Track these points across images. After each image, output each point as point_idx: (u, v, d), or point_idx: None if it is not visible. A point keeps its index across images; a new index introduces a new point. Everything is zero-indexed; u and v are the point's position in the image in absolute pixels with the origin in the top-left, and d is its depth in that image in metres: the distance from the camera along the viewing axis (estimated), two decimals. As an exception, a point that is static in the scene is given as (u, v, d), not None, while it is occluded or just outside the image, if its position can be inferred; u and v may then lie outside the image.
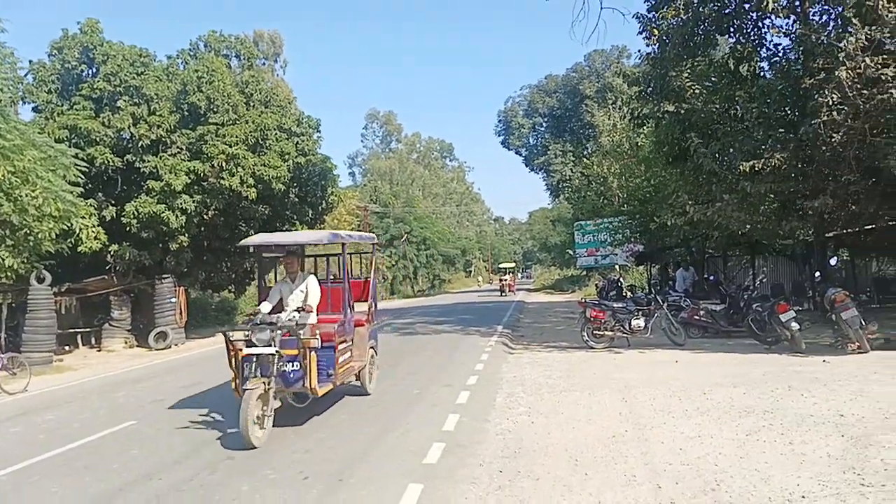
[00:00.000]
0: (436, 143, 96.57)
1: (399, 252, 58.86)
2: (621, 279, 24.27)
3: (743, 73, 13.75)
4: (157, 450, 7.01)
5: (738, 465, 5.44)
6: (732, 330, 13.76)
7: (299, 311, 7.85)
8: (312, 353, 7.21)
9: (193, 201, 19.84)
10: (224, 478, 5.85)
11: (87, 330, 20.42)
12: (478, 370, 11.42)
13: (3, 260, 14.17)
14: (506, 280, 48.44)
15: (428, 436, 6.94)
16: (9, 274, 14.91)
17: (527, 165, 73.50)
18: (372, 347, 10.05)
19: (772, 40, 13.94)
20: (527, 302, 36.23)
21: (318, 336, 7.38)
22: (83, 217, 16.27)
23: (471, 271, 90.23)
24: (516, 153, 74.36)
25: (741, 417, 6.99)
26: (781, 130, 12.55)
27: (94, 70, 21.21)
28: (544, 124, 70.54)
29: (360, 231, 52.33)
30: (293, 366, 7.36)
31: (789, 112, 12.92)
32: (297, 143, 23.25)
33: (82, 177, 16.51)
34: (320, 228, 36.61)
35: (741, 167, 11.87)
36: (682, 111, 13.32)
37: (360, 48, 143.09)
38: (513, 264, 65.47)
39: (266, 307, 7.86)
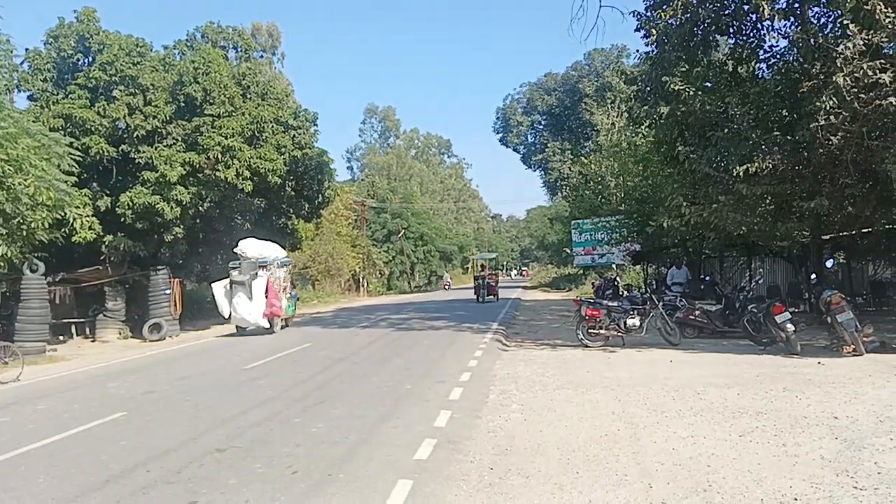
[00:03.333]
0: (434, 138, 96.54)
1: (396, 248, 58.80)
2: (618, 278, 24.24)
3: (742, 74, 13.70)
4: (146, 441, 6.95)
5: (730, 465, 5.40)
6: (728, 330, 13.74)
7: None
8: None
9: (189, 193, 19.78)
10: (212, 471, 5.80)
11: (82, 320, 20.36)
12: (471, 367, 11.38)
13: (-8, 249, 14.04)
14: (485, 277, 33.62)
15: (419, 432, 6.90)
16: (2, 263, 14.80)
17: (525, 163, 73.59)
18: None
19: (771, 42, 13.90)
20: (523, 300, 36.22)
21: None
22: (77, 207, 16.18)
23: (468, 268, 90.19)
24: (514, 150, 74.42)
25: (734, 418, 6.96)
26: (777, 133, 12.51)
27: (90, 59, 21.11)
28: (543, 122, 70.54)
29: (358, 227, 52.28)
30: None
31: (786, 114, 12.88)
32: (294, 136, 23.20)
33: (77, 166, 16.40)
34: (317, 222, 36.72)
35: (736, 170, 11.84)
36: (679, 113, 13.28)
37: (359, 42, 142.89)
38: (494, 255, 58.54)
39: None
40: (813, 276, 13.36)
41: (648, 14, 14.29)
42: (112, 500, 5.09)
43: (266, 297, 18.96)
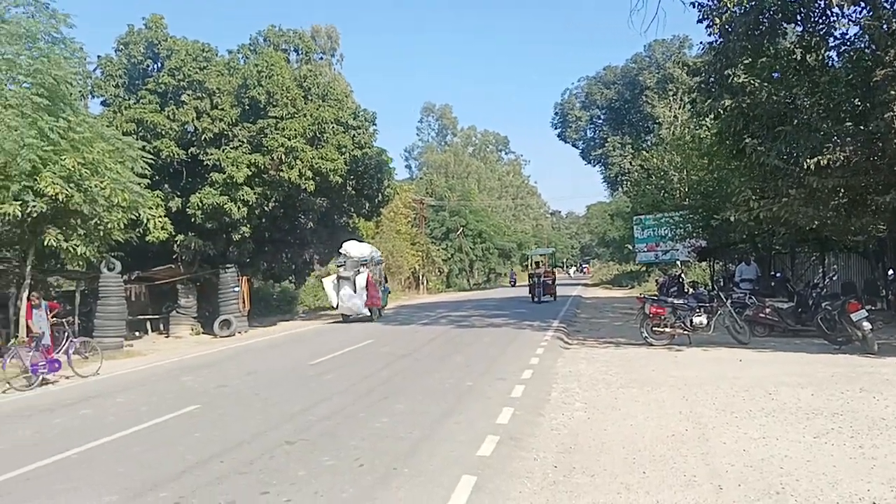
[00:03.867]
0: (491, 136, 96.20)
1: (454, 245, 58.95)
2: (683, 275, 23.68)
3: (811, 63, 13.13)
4: (220, 433, 7.23)
5: (804, 468, 5.23)
6: (800, 329, 13.25)
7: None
8: None
9: (254, 193, 20.38)
10: (283, 463, 5.99)
11: (156, 317, 21.28)
12: (532, 364, 11.35)
13: (76, 248, 14.82)
14: (540, 275, 31.31)
15: (482, 428, 6.94)
16: (81, 262, 15.61)
17: (584, 158, 72.37)
18: None
19: (840, 29, 13.27)
20: (584, 297, 35.79)
21: None
22: (150, 208, 16.87)
23: (527, 265, 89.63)
24: (573, 146, 73.25)
25: (808, 419, 6.72)
26: (850, 123, 11.94)
27: (159, 65, 21.98)
28: (602, 116, 69.26)
29: (417, 225, 52.65)
30: None
31: (859, 103, 12.28)
32: (354, 136, 23.56)
33: (149, 169, 17.13)
34: (377, 221, 37.21)
35: (806, 163, 11.37)
36: (744, 104, 12.84)
37: (416, 41, 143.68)
38: (550, 250, 50.45)
39: None
40: (890, 271, 12.72)
41: (711, 3, 13.85)
42: (189, 489, 5.32)
43: (367, 289, 22.46)
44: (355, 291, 22.40)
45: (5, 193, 13.21)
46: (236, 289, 20.77)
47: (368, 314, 22.83)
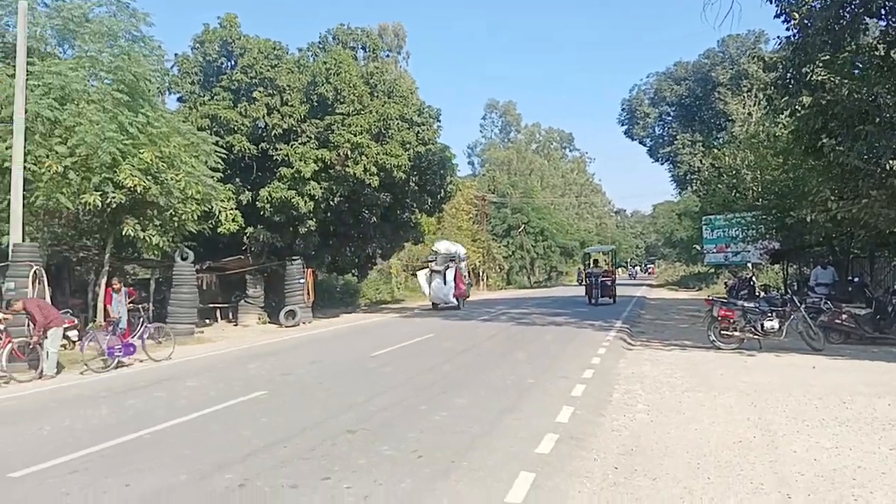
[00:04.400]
0: (556, 133, 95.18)
1: (516, 243, 58.63)
2: (754, 278, 22.83)
3: (895, 59, 12.41)
4: (284, 420, 7.43)
5: (879, 480, 4.98)
6: (878, 337, 12.61)
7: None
8: None
9: (321, 188, 20.81)
10: (344, 451, 6.11)
11: (225, 305, 22.06)
12: (594, 364, 11.19)
13: (152, 238, 15.51)
14: (598, 275, 28.72)
15: (541, 426, 6.89)
16: (156, 251, 16.31)
17: (651, 156, 70.64)
18: None
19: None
20: (648, 298, 35.03)
21: None
22: (222, 200, 17.47)
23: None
24: (640, 143, 71.62)
25: (885, 430, 6.39)
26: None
27: (233, 62, 22.69)
28: (671, 113, 67.41)
29: (478, 222, 52.61)
30: None
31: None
32: (418, 132, 23.71)
33: (222, 163, 17.73)
34: (439, 217, 37.40)
35: (889, 164, 10.76)
36: (823, 102, 12.25)
37: (480, 38, 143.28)
38: (611, 248, 45.70)
39: None
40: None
41: (790, -2, 13.29)
42: (254, 472, 5.49)
43: (455, 281, 26.46)
44: (445, 283, 26.33)
45: (87, 185, 13.91)
46: (302, 280, 21.28)
47: (456, 303, 26.68)
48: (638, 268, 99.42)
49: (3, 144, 13.51)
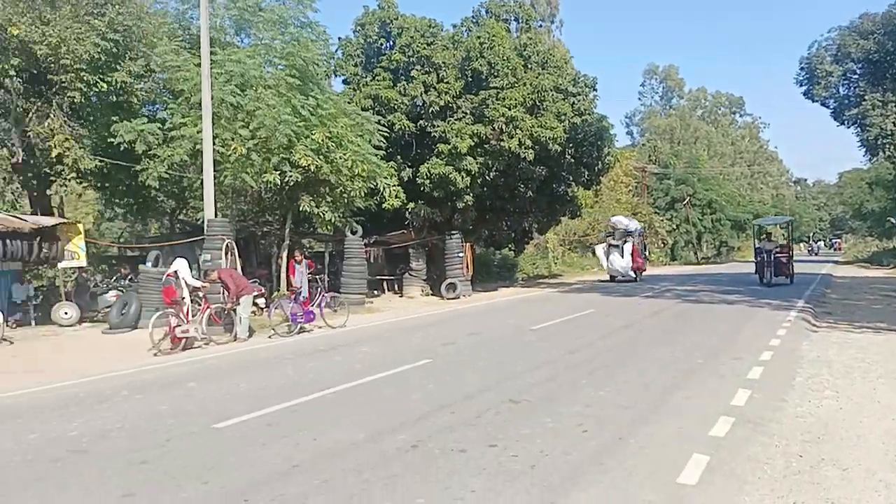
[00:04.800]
0: (724, 97, 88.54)
1: (680, 216, 55.66)
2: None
3: None
4: (448, 387, 7.70)
5: None
6: None
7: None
8: None
9: (477, 163, 21.05)
10: (507, 419, 6.21)
11: (391, 277, 23.25)
12: (773, 345, 10.39)
13: (324, 214, 16.61)
14: (771, 250, 24.52)
15: (714, 408, 6.54)
16: (329, 226, 17.46)
17: (836, 119, 63.44)
18: None
19: None
20: (835, 276, 31.84)
21: None
22: (386, 177, 18.28)
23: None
24: (822, 105, 64.46)
25: None
26: None
27: (391, 43, 23.48)
28: (858, 71, 59.75)
29: (638, 195, 50.65)
30: None
31: None
32: (573, 103, 23.19)
33: (384, 141, 18.53)
34: (597, 190, 36.48)
35: None
36: None
37: (637, 2, 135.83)
38: (787, 219, 38.04)
39: None
40: None
41: None
42: (424, 435, 5.75)
43: (632, 255, 27.75)
44: (622, 257, 27.66)
45: (267, 164, 15.17)
46: (460, 254, 21.82)
47: (633, 276, 27.96)
48: (821, 242, 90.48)
49: (194, 129, 15.06)
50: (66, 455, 5.37)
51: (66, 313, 14.55)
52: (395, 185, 19.27)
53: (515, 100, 21.20)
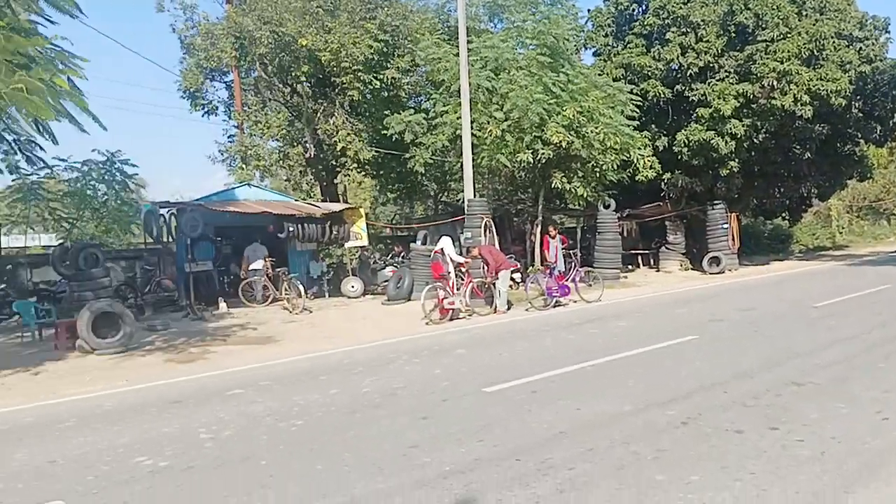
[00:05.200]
0: None
1: None
2: None
3: None
4: (718, 365, 7.25)
5: None
6: None
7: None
8: None
9: (742, 125, 19.37)
10: (790, 402, 5.67)
11: (646, 252, 22.56)
12: None
13: (576, 189, 16.62)
14: None
15: None
16: (580, 201, 17.44)
17: None
18: None
19: None
20: None
21: None
22: (639, 148, 17.69)
23: None
24: None
25: None
26: None
27: (644, 7, 22.46)
28: None
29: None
30: None
31: None
32: (860, 49, 20.24)
33: (637, 111, 17.91)
34: (891, 147, 31.24)
35: None
36: None
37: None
38: None
39: None
40: None
41: None
42: (694, 411, 5.48)
43: None
44: None
45: (520, 144, 15.60)
46: (725, 225, 20.35)
47: None
48: None
49: (454, 115, 16.01)
50: (362, 408, 6.16)
51: (352, 287, 16.60)
52: (649, 156, 18.57)
53: (788, 52, 18.98)
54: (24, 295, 13.54)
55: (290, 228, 15.59)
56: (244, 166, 19.13)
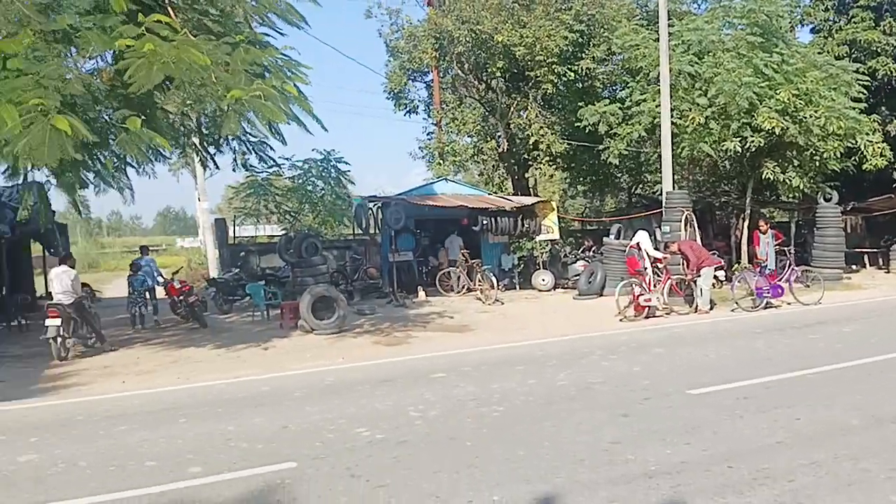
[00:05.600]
0: None
1: None
2: None
3: None
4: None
5: None
6: None
7: None
8: None
9: None
10: None
11: (874, 250, 20.02)
12: None
13: (791, 180, 15.21)
14: None
15: None
16: (796, 194, 15.93)
17: None
18: None
19: None
20: None
21: None
22: (867, 133, 15.75)
23: None
24: None
25: None
26: None
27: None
28: None
29: None
30: None
31: None
32: None
33: (865, 92, 15.97)
34: None
35: None
36: None
37: None
38: None
39: None
40: None
41: None
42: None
43: None
44: None
45: (726, 132, 14.61)
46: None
47: None
48: None
49: (652, 104, 15.38)
50: (559, 400, 6.22)
51: (543, 280, 16.67)
52: (878, 142, 16.45)
53: None
54: (254, 279, 15.34)
55: (484, 221, 16.04)
56: (441, 162, 20.00)
